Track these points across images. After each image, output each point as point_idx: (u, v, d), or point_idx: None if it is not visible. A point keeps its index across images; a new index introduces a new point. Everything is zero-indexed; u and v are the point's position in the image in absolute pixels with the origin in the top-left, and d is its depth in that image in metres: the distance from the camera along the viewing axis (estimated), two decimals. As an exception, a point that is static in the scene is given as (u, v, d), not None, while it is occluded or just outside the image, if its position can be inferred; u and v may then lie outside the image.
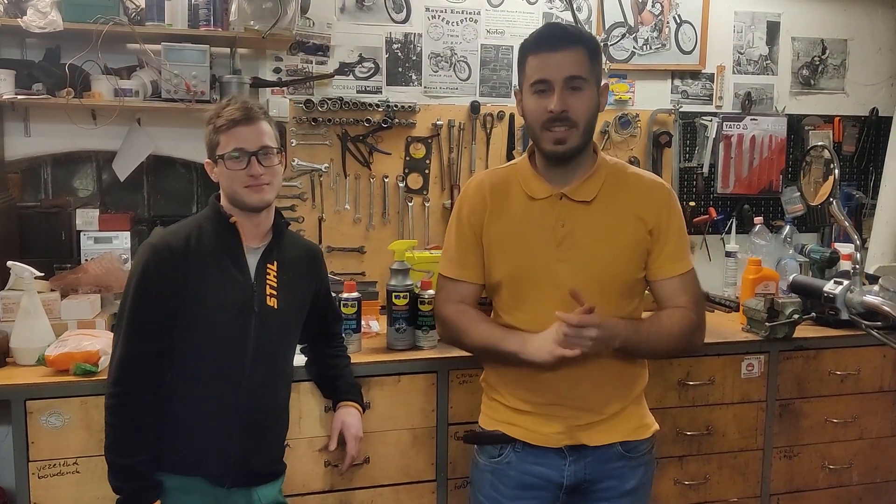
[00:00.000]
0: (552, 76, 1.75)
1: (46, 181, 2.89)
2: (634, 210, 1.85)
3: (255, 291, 1.89)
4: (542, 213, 1.85)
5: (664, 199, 1.88)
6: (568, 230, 1.83)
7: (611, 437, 1.87)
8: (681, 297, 1.88)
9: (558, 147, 1.78)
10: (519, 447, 1.89)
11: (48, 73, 2.65)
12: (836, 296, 1.64)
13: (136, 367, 1.79)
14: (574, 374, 1.82)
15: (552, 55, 1.75)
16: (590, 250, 1.82)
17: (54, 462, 2.12)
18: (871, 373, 2.80)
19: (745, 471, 2.72)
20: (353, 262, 3.14)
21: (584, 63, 1.77)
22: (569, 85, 1.75)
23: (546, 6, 3.28)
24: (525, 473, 1.88)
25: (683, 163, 3.49)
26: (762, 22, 3.55)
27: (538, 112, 1.78)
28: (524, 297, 1.87)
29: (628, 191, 1.87)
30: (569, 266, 1.82)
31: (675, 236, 1.87)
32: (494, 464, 1.92)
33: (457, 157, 3.22)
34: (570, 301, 1.74)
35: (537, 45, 1.79)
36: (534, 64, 1.78)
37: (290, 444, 2.22)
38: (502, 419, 1.92)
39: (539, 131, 1.80)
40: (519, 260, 1.86)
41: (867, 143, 3.69)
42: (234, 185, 1.85)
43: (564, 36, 1.79)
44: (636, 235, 1.85)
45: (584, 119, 1.78)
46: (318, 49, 3.07)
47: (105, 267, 2.56)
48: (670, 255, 1.87)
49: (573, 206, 1.84)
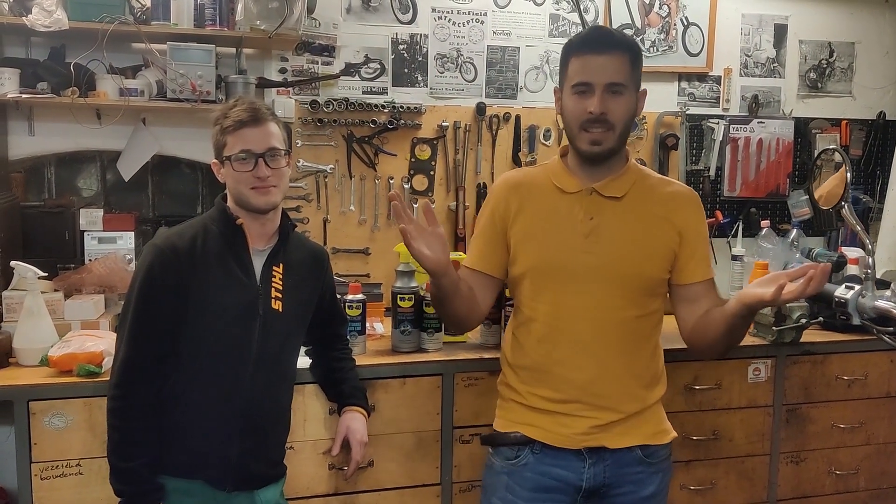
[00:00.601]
0: (594, 79, 1.76)
1: (50, 181, 2.88)
2: (664, 212, 1.87)
3: (261, 294, 1.87)
4: (570, 207, 1.86)
5: (693, 205, 1.91)
6: (595, 224, 1.84)
7: (631, 439, 1.86)
8: (709, 299, 1.89)
9: (594, 148, 1.80)
10: (537, 448, 1.87)
11: (53, 72, 2.64)
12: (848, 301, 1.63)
13: (140, 369, 1.78)
14: (595, 370, 1.83)
15: (595, 58, 1.77)
16: (616, 246, 1.83)
17: (57, 463, 2.11)
18: (878, 378, 2.78)
19: (751, 476, 2.70)
20: (357, 264, 3.13)
21: (625, 69, 1.78)
22: (609, 89, 1.77)
23: (553, 7, 3.27)
24: (543, 475, 1.86)
25: (690, 165, 3.47)
26: (769, 24, 3.53)
27: (577, 112, 1.79)
28: (546, 288, 1.87)
29: (658, 193, 1.89)
30: (594, 259, 1.82)
31: (703, 243, 1.90)
32: (511, 465, 1.90)
33: (462, 158, 3.20)
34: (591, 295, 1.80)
35: (581, 47, 1.81)
36: (576, 65, 1.80)
37: (293, 447, 2.22)
38: (520, 420, 1.91)
39: (577, 131, 1.81)
40: (544, 250, 1.86)
41: (874, 147, 3.67)
42: (241, 186, 1.83)
43: (609, 40, 1.81)
44: (664, 237, 1.86)
45: (621, 123, 1.80)
46: (324, 49, 3.06)
47: (109, 267, 2.55)
48: (700, 260, 1.89)
49: (602, 202, 1.85)
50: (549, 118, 3.28)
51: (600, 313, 1.82)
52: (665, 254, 1.87)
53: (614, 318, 1.83)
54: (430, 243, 1.78)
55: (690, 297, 1.89)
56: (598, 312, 1.82)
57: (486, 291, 1.97)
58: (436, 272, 1.79)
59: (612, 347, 1.84)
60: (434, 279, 1.81)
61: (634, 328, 1.86)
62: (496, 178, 3.16)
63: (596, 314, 1.82)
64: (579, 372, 1.83)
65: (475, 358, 2.42)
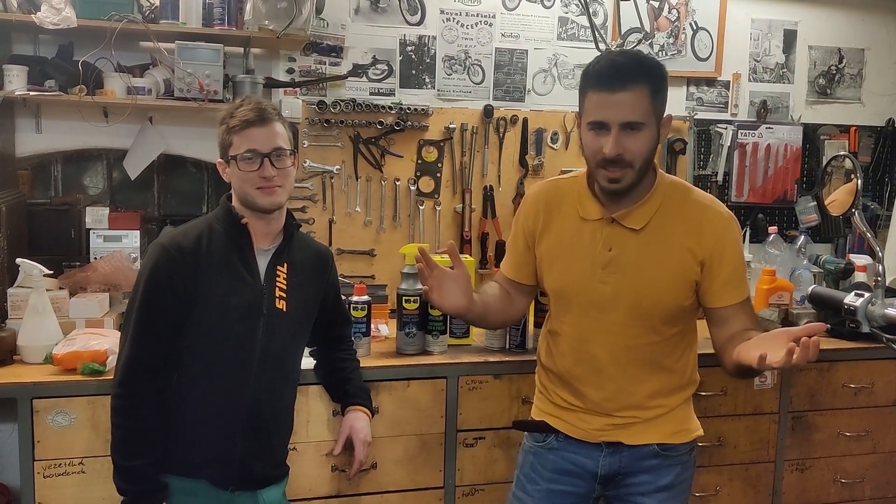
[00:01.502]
0: (609, 118, 1.70)
1: (57, 178, 2.88)
2: (684, 240, 1.81)
3: (265, 294, 1.87)
4: (591, 235, 1.85)
5: (719, 230, 1.82)
6: (614, 255, 1.82)
7: (648, 437, 1.89)
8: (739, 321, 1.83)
9: (612, 185, 1.76)
10: (561, 437, 1.95)
11: (61, 70, 2.64)
12: (857, 308, 1.61)
13: (143, 368, 1.78)
14: (612, 390, 1.87)
15: (611, 96, 1.69)
16: (633, 277, 1.81)
17: (60, 462, 2.11)
18: (884, 386, 2.77)
19: (756, 483, 2.69)
20: (363, 265, 3.13)
21: (643, 104, 1.70)
22: (626, 128, 1.70)
23: (562, 10, 3.26)
24: (564, 460, 1.94)
25: (698, 170, 3.46)
26: (779, 30, 3.52)
27: (594, 150, 1.74)
28: (567, 311, 1.91)
29: (682, 219, 1.82)
30: (610, 290, 1.82)
31: (728, 266, 1.82)
32: (539, 447, 1.99)
33: (469, 160, 3.20)
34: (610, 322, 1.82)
35: (597, 82, 1.72)
36: (593, 101, 1.73)
37: (297, 447, 2.22)
38: (549, 412, 1.99)
39: (594, 168, 1.78)
40: (564, 276, 1.89)
41: (883, 154, 3.66)
42: (246, 186, 1.83)
43: (625, 75, 1.70)
44: (683, 266, 1.81)
45: (639, 159, 1.73)
46: (332, 50, 3.05)
47: (114, 265, 2.56)
48: (723, 285, 1.82)
49: (622, 232, 1.82)
50: (556, 121, 3.27)
51: (617, 340, 1.84)
52: (684, 284, 1.83)
53: (631, 345, 1.84)
54: (451, 289, 1.86)
55: (718, 319, 1.85)
56: (615, 339, 1.84)
57: (521, 296, 2.07)
58: (458, 315, 1.94)
59: (627, 371, 1.86)
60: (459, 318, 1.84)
61: (654, 352, 1.86)
62: (503, 182, 3.19)
63: (613, 340, 1.84)
64: (597, 390, 1.88)
65: (480, 361, 2.41)
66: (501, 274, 2.07)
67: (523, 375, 2.37)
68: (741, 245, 1.88)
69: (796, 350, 1.51)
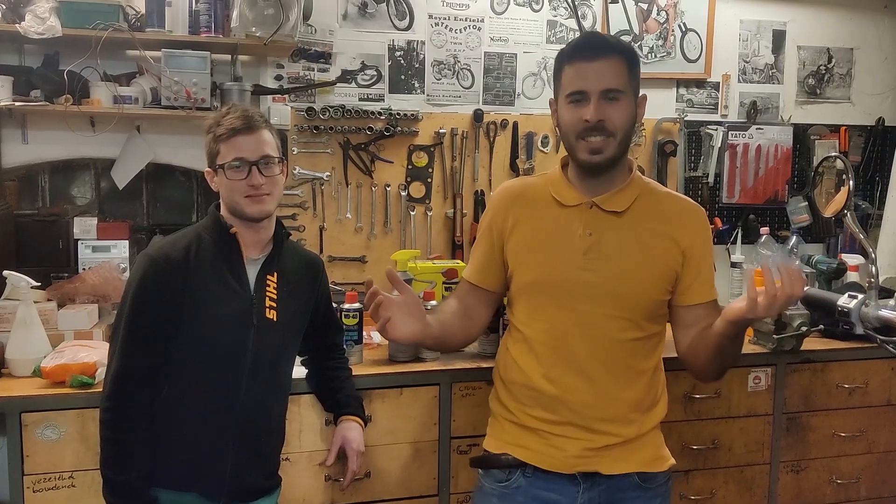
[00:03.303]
0: (588, 87, 1.69)
1: (44, 189, 2.85)
2: (667, 230, 1.79)
3: (255, 303, 1.85)
4: (569, 221, 1.79)
5: (700, 224, 1.83)
6: (595, 240, 1.76)
7: (626, 465, 1.78)
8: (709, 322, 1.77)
9: (594, 157, 1.72)
10: (529, 472, 1.80)
11: (46, 80, 2.62)
12: (851, 310, 1.60)
13: (132, 380, 1.76)
14: (589, 392, 1.76)
15: (589, 65, 1.70)
16: (615, 264, 1.75)
17: (49, 476, 2.08)
18: (878, 386, 2.76)
19: (751, 485, 2.68)
20: (354, 272, 3.11)
21: (622, 73, 1.71)
22: (605, 96, 1.69)
23: (550, 14, 3.25)
24: (535, 499, 1.79)
25: (689, 172, 3.46)
26: (768, 30, 3.52)
27: (574, 122, 1.72)
28: (542, 305, 1.80)
29: (662, 209, 1.81)
30: (591, 277, 1.75)
31: (707, 263, 1.82)
32: (502, 488, 1.82)
33: (460, 165, 3.19)
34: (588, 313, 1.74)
35: (573, 54, 1.74)
36: (570, 74, 1.73)
37: (289, 458, 2.20)
38: (511, 441, 1.83)
39: (574, 141, 1.74)
40: (541, 266, 1.80)
41: (873, 153, 3.66)
42: (234, 195, 1.82)
43: (602, 45, 1.75)
44: (666, 255, 1.78)
45: (620, 130, 1.72)
46: (320, 56, 3.04)
47: (103, 276, 2.54)
48: (703, 281, 1.81)
49: (603, 216, 1.78)
50: (546, 125, 3.26)
51: (597, 333, 1.75)
52: (667, 275, 1.79)
53: (611, 339, 1.76)
54: (401, 317, 1.73)
55: (690, 321, 1.81)
56: (594, 332, 1.75)
57: (483, 307, 1.93)
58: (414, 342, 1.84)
59: (608, 369, 1.77)
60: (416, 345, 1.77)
61: (632, 350, 1.78)
62: (494, 186, 3.18)
63: (592, 333, 1.76)
64: (573, 393, 1.76)
65: (473, 367, 2.40)
66: (463, 284, 1.94)
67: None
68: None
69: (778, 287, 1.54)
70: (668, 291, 1.80)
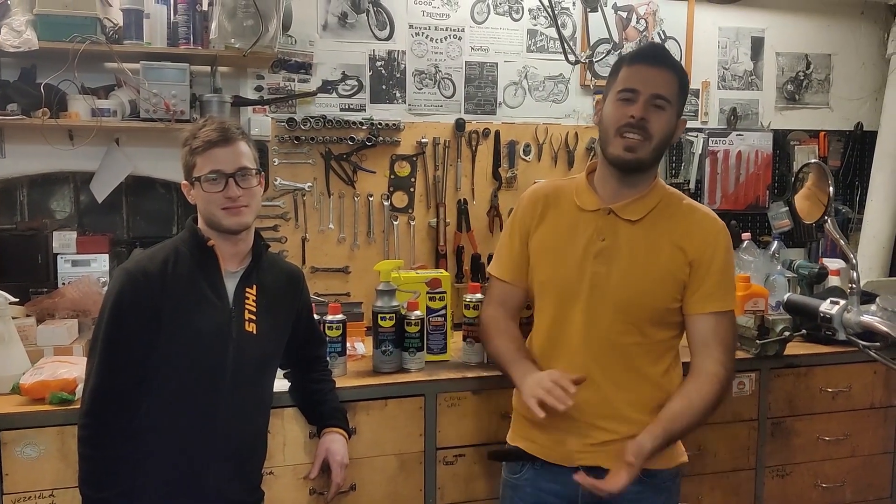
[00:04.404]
0: (641, 87, 1.77)
1: (22, 203, 2.82)
2: (676, 238, 1.83)
3: (234, 317, 1.84)
4: (586, 225, 1.86)
5: (712, 235, 1.85)
6: (606, 245, 1.83)
7: None
8: (710, 344, 1.82)
9: (627, 154, 1.78)
10: (538, 465, 1.90)
11: (23, 93, 2.59)
12: (833, 316, 1.61)
13: (110, 397, 1.74)
14: (589, 392, 1.78)
15: (647, 69, 1.79)
16: (623, 269, 1.81)
17: (29, 494, 2.05)
18: (861, 389, 2.78)
19: (738, 491, 2.68)
20: (337, 283, 3.10)
21: (673, 86, 1.80)
22: (653, 101, 1.77)
23: (531, 23, 3.26)
24: (541, 491, 1.89)
25: (670, 179, 3.47)
26: (746, 37, 3.55)
27: (618, 117, 1.79)
28: (551, 303, 1.88)
29: (676, 219, 1.86)
30: (598, 280, 1.81)
31: (717, 274, 1.83)
32: (515, 479, 1.95)
33: (442, 174, 3.18)
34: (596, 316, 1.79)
35: (636, 57, 1.84)
36: (627, 73, 1.81)
37: (273, 472, 2.18)
38: (523, 434, 1.94)
39: (612, 135, 1.80)
40: (555, 265, 1.88)
41: (852, 158, 3.70)
42: (212, 207, 1.80)
43: (663, 57, 1.85)
44: (673, 265, 1.82)
45: (658, 136, 1.79)
46: (301, 67, 3.03)
47: (83, 291, 2.51)
48: (709, 291, 1.82)
49: (618, 223, 1.84)
50: (528, 133, 3.27)
51: (597, 334, 1.81)
52: (673, 282, 1.82)
53: (611, 342, 1.81)
54: None
55: (693, 330, 1.84)
56: (595, 333, 1.81)
57: (516, 301, 2.01)
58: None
59: (606, 370, 1.81)
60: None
61: (633, 354, 1.82)
62: (477, 195, 3.18)
63: (593, 335, 1.81)
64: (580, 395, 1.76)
65: (458, 377, 2.38)
66: (498, 286, 2.00)
67: (503, 390, 2.33)
68: (732, 255, 1.89)
69: None
70: (676, 300, 1.83)
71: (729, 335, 1.85)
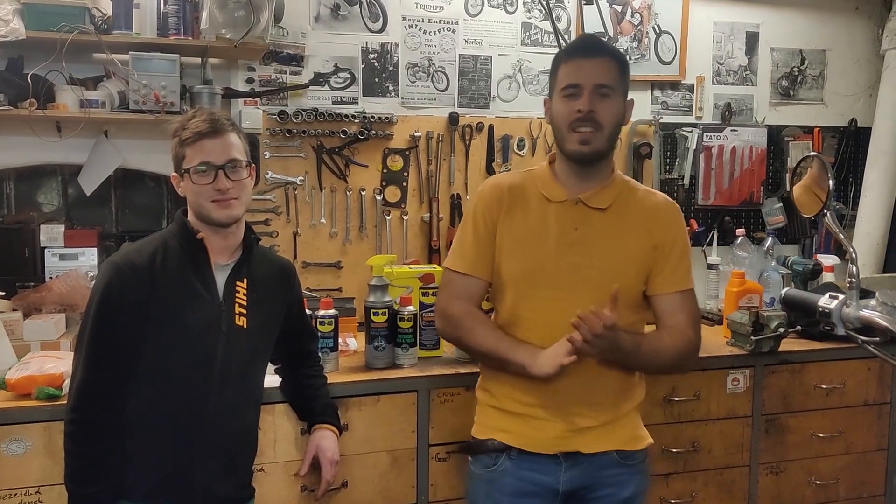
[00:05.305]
0: (583, 81, 1.81)
1: (9, 196, 2.78)
2: (644, 224, 1.90)
3: (224, 310, 1.81)
4: (556, 216, 1.88)
5: (672, 217, 1.94)
6: (580, 235, 1.87)
7: (605, 444, 1.87)
8: (679, 314, 1.90)
9: (583, 147, 1.82)
10: (514, 454, 1.89)
11: (10, 84, 2.56)
12: (832, 311, 1.60)
13: (97, 392, 1.72)
14: (569, 378, 1.81)
15: (584, 61, 1.83)
16: (599, 257, 1.86)
17: (15, 491, 2.02)
18: (856, 386, 2.77)
19: (731, 488, 2.67)
20: (329, 278, 3.07)
21: (614, 73, 1.84)
22: (598, 91, 1.81)
23: (525, 16, 3.24)
24: (521, 480, 1.88)
25: (664, 174, 3.46)
26: (741, 32, 3.53)
27: (566, 113, 1.83)
28: (529, 295, 1.88)
29: (640, 205, 1.92)
30: (577, 268, 1.85)
31: (678, 254, 1.91)
32: (490, 473, 1.92)
33: (435, 169, 3.16)
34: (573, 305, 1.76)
35: (571, 52, 1.90)
36: (566, 70, 1.85)
37: (264, 468, 2.16)
38: (496, 426, 1.93)
39: (566, 132, 1.84)
40: (530, 259, 1.88)
41: (846, 154, 3.69)
42: (201, 199, 1.77)
43: (598, 46, 1.90)
44: (642, 249, 1.89)
45: (609, 124, 1.83)
46: (292, 59, 3.00)
47: (70, 285, 2.48)
48: (672, 271, 1.90)
49: (588, 212, 1.88)
50: (522, 128, 3.24)
51: None
52: (643, 266, 1.89)
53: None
54: None
55: (659, 310, 1.91)
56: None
57: (479, 295, 1.97)
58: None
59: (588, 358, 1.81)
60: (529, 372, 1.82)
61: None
62: (470, 189, 3.16)
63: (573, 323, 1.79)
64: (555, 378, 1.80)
65: (451, 373, 2.36)
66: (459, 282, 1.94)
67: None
68: (688, 235, 1.98)
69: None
70: (644, 282, 1.91)
71: (695, 310, 1.94)
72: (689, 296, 1.92)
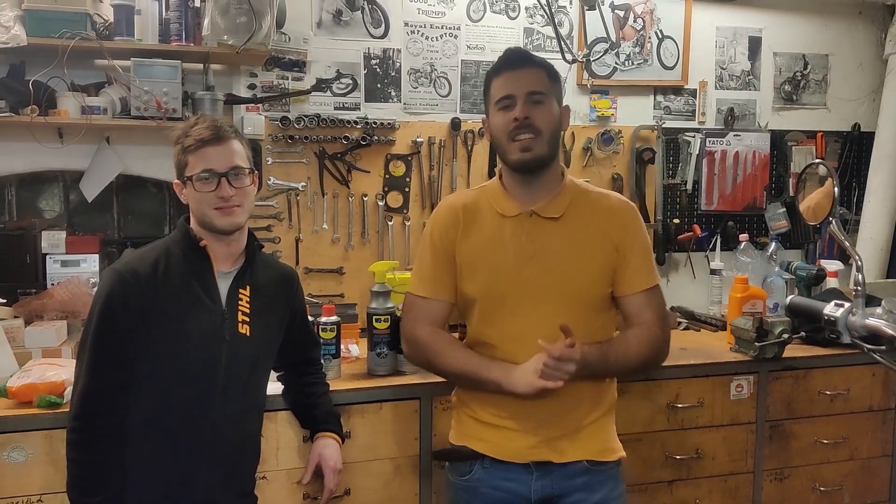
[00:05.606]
0: (515, 90, 1.86)
1: (11, 202, 2.77)
2: (601, 227, 1.92)
3: (227, 318, 1.81)
4: (512, 231, 1.91)
5: (629, 217, 1.97)
6: (538, 247, 1.89)
7: (575, 454, 1.89)
8: (646, 312, 1.93)
9: (525, 155, 1.85)
10: (487, 463, 1.92)
11: (11, 90, 2.55)
12: (838, 319, 1.58)
13: (100, 400, 1.71)
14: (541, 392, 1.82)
15: (514, 73, 1.89)
16: (559, 266, 1.88)
17: (17, 499, 2.02)
18: (860, 392, 2.76)
19: (735, 494, 2.66)
20: (331, 284, 3.06)
21: (543, 80, 1.89)
22: (531, 98, 1.85)
23: (527, 21, 3.23)
24: (494, 489, 1.91)
25: (667, 179, 3.45)
26: (744, 37, 3.53)
27: (504, 124, 1.87)
28: (494, 312, 1.91)
29: (594, 209, 1.95)
30: (539, 280, 1.87)
31: (639, 252, 1.94)
32: (465, 482, 1.96)
33: (437, 174, 3.15)
34: (540, 316, 1.83)
35: (500, 67, 1.93)
36: (498, 84, 1.90)
37: (266, 476, 2.15)
38: (470, 434, 1.96)
39: (506, 143, 1.88)
40: (491, 276, 1.90)
41: (849, 159, 3.68)
42: (204, 207, 1.77)
43: (525, 57, 1.95)
44: (603, 252, 1.91)
45: (547, 129, 1.86)
46: (294, 65, 2.99)
47: (72, 292, 2.47)
48: (635, 270, 1.93)
49: (542, 223, 1.90)
50: (524, 133, 3.23)
51: (545, 334, 1.80)
52: (606, 269, 1.92)
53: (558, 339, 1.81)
54: None
55: (627, 310, 1.94)
56: (545, 332, 1.80)
57: (444, 317, 2.01)
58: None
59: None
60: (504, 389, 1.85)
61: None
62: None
63: (544, 334, 1.80)
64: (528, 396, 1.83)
65: (453, 380, 2.35)
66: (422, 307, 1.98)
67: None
68: (647, 233, 2.01)
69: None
70: (609, 285, 1.93)
71: (661, 305, 1.98)
72: (654, 292, 1.95)
